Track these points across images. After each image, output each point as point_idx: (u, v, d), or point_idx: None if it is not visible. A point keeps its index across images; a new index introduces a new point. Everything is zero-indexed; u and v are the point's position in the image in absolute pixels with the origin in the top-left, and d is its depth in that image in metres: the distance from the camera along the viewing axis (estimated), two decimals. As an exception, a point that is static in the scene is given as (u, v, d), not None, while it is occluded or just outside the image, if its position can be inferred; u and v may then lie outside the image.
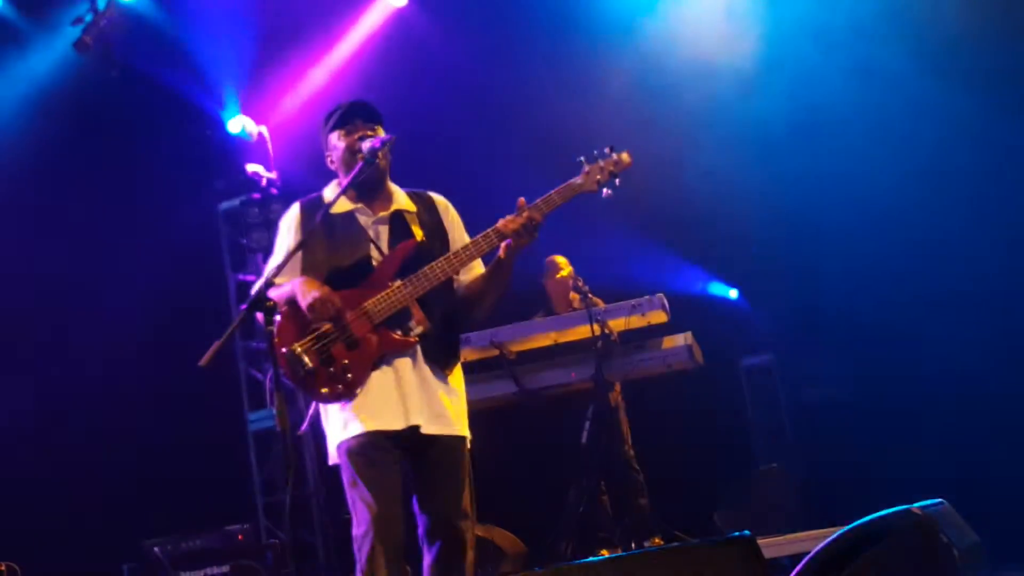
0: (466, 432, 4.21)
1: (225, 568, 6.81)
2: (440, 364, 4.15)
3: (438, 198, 4.43)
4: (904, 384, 8.64)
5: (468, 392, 7.20)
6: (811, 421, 9.27)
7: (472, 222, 4.37)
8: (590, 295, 7.26)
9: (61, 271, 8.88)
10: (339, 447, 4.07)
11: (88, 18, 8.66)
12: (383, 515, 3.95)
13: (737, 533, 2.77)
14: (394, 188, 4.34)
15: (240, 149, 9.30)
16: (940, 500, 3.98)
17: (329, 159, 4.36)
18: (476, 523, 4.24)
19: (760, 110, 8.85)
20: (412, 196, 4.36)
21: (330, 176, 4.39)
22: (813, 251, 9.11)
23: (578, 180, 4.11)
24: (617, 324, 7.23)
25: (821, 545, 3.58)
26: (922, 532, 3.46)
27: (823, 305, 9.22)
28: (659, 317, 7.25)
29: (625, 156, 4.13)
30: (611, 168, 4.11)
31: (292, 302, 4.06)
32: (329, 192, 4.30)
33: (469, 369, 7.35)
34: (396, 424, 4.02)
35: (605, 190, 4.12)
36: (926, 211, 8.41)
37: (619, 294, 7.43)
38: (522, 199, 4.04)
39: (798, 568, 3.55)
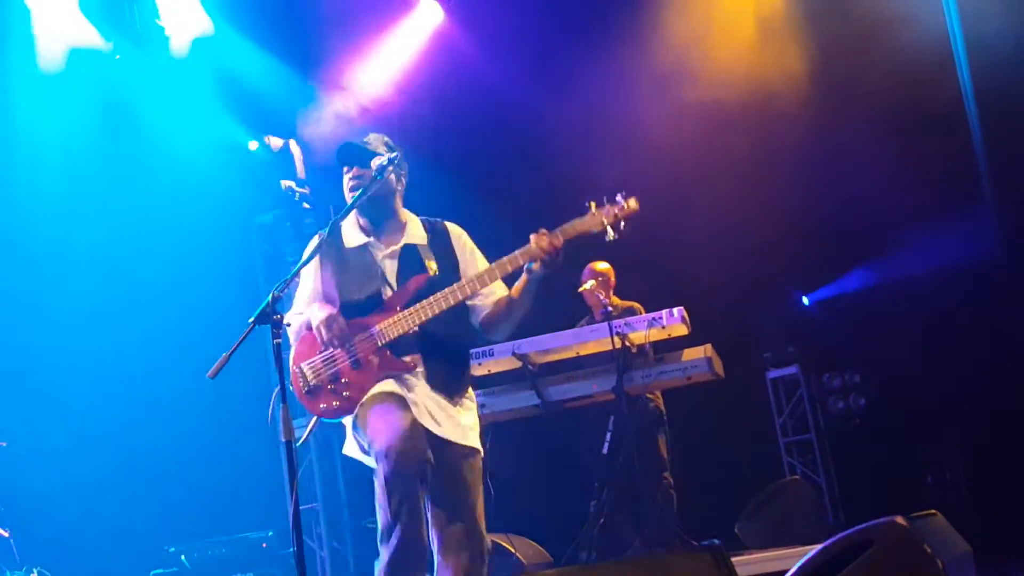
0: (479, 446, 4.25)
1: (248, 576, 6.94)
2: (447, 392, 4.21)
3: (452, 227, 4.50)
4: (931, 396, 8.63)
5: (492, 403, 7.43)
6: (837, 433, 9.27)
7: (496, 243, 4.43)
8: (612, 305, 7.35)
9: (96, 282, 9.07)
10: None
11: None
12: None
13: (707, 542, 2.84)
14: (407, 216, 4.43)
15: (274, 163, 9.47)
16: (932, 511, 4.02)
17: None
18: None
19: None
20: (426, 224, 4.44)
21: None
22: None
23: (584, 221, 4.17)
24: (637, 337, 7.29)
25: (807, 556, 3.65)
26: (906, 542, 3.51)
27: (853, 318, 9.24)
28: (679, 330, 7.29)
29: (633, 202, 4.18)
30: (617, 213, 4.16)
31: (309, 326, 4.22)
32: (346, 223, 4.38)
33: (492, 381, 7.56)
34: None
35: (609, 232, 4.16)
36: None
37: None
38: (543, 229, 4.11)
39: (784, 579, 3.62)
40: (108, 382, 8.92)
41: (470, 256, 4.43)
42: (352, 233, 4.33)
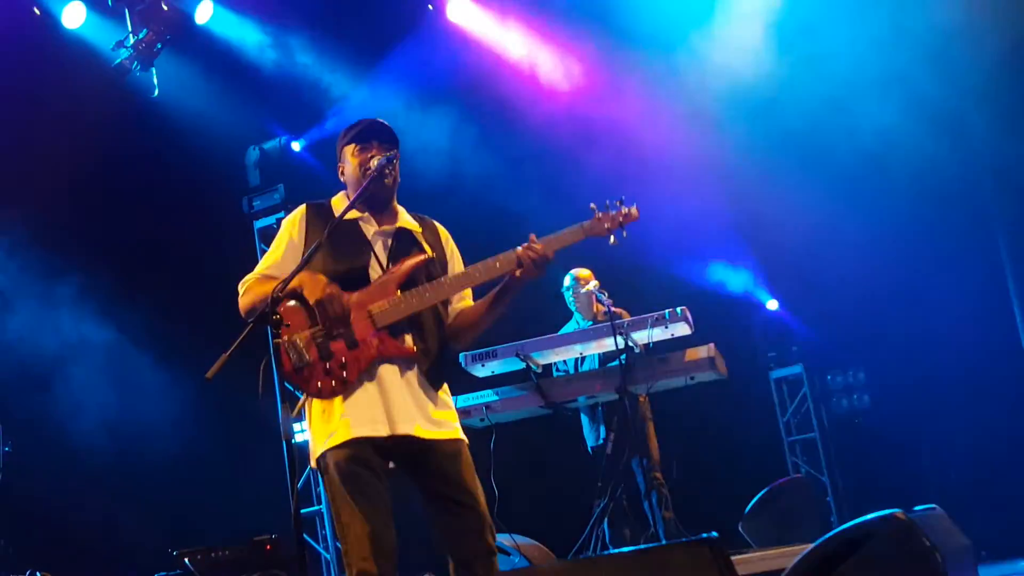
0: (463, 436, 4.18)
1: (253, 578, 6.94)
2: (432, 382, 4.16)
3: (440, 225, 4.49)
4: (936, 395, 8.62)
5: (496, 404, 7.41)
6: (842, 431, 9.27)
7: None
8: (613, 308, 7.33)
9: (100, 280, 9.10)
10: (324, 455, 4.04)
11: (129, 42, 8.92)
12: (375, 531, 3.94)
13: (705, 535, 2.84)
14: (399, 208, 4.39)
15: (275, 169, 9.51)
16: (933, 505, 4.02)
17: (340, 171, 4.40)
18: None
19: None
20: (416, 217, 4.42)
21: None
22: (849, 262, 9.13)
23: (587, 224, 4.19)
24: (640, 337, 7.27)
25: (808, 549, 3.65)
26: (905, 535, 3.52)
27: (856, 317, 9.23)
28: (682, 330, 7.25)
29: (634, 210, 4.21)
30: (620, 219, 4.20)
31: (299, 295, 4.08)
32: (336, 202, 4.33)
33: (496, 381, 7.56)
34: (382, 431, 4.00)
35: (612, 238, 4.20)
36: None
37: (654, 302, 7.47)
38: (532, 234, 4.11)
39: (785, 573, 3.62)
40: (112, 383, 8.95)
41: (456, 258, 4.43)
42: (343, 205, 4.22)
